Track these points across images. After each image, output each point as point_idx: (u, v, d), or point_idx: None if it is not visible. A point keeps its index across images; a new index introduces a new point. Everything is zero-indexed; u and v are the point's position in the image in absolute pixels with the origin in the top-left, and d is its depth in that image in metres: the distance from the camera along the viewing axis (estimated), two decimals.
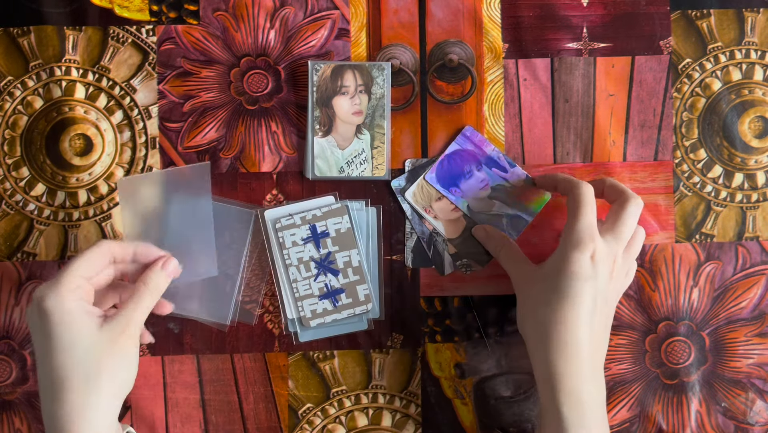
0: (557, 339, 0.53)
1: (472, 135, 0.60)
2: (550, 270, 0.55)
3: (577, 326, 0.53)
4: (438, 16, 0.65)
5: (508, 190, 0.61)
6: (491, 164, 0.61)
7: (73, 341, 0.50)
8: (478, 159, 0.61)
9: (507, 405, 0.64)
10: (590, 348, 0.54)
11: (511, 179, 0.61)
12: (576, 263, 0.53)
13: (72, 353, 0.50)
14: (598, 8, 0.65)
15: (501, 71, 0.65)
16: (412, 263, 0.64)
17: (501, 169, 0.61)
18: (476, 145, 0.60)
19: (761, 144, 0.65)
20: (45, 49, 0.64)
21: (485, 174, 0.61)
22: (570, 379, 0.53)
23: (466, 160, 0.61)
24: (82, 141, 0.64)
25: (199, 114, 0.65)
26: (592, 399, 0.53)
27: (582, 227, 0.54)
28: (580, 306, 0.53)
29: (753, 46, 0.65)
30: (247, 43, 0.65)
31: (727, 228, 0.65)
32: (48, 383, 0.50)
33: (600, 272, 0.54)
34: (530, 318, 0.56)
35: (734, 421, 0.65)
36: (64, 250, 0.64)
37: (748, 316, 0.65)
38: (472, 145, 0.60)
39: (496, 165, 0.61)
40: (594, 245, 0.54)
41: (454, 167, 0.61)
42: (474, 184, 0.62)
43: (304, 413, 0.64)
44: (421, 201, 0.64)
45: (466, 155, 0.61)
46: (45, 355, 0.50)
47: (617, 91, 0.65)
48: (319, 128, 0.64)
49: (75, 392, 0.49)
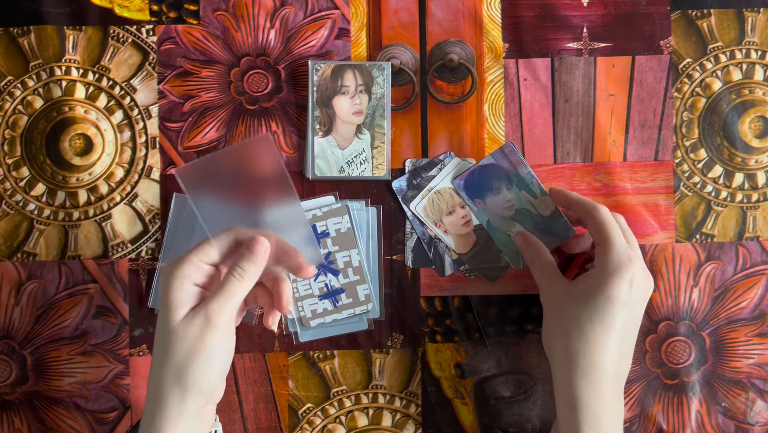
0: (585, 362, 0.53)
1: (510, 153, 0.59)
2: (586, 291, 0.54)
3: (607, 351, 0.53)
4: (438, 16, 0.65)
5: (533, 217, 0.60)
6: (522, 186, 0.60)
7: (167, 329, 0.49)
8: (510, 178, 0.60)
9: (507, 405, 0.64)
10: (616, 371, 0.54)
11: (539, 207, 0.60)
12: (615, 287, 0.53)
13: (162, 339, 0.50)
14: (599, 8, 0.65)
15: (501, 71, 0.65)
16: (412, 263, 0.64)
17: (531, 194, 0.60)
18: (512, 163, 0.59)
19: (761, 144, 0.65)
20: (45, 48, 0.64)
21: (513, 195, 0.60)
22: (593, 401, 0.53)
23: (497, 176, 0.60)
24: (82, 141, 0.64)
25: (199, 114, 0.65)
26: (613, 420, 0.53)
27: (619, 250, 0.54)
28: (614, 330, 0.53)
29: (753, 46, 0.65)
30: (247, 42, 0.65)
31: (728, 228, 0.65)
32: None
33: (635, 297, 0.54)
34: (559, 338, 0.55)
35: (734, 421, 0.65)
36: (64, 250, 0.64)
37: (749, 316, 0.65)
38: (507, 163, 0.59)
39: (527, 189, 0.60)
40: (633, 269, 0.54)
41: (484, 180, 0.60)
42: (499, 202, 0.62)
43: (304, 413, 0.64)
44: (431, 215, 0.64)
45: (499, 171, 0.60)
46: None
47: (617, 91, 0.65)
48: (319, 128, 0.64)
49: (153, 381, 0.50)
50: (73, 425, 0.64)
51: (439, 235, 0.64)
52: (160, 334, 0.50)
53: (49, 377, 0.64)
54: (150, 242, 0.64)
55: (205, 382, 0.49)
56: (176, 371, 0.48)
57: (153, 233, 0.64)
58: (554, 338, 0.56)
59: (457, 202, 0.64)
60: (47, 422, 0.64)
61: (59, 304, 0.64)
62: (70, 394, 0.64)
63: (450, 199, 0.64)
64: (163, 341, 0.49)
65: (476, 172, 0.59)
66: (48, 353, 0.64)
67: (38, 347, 0.64)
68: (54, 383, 0.64)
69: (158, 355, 0.50)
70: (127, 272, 0.64)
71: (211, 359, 0.49)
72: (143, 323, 0.64)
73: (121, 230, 0.64)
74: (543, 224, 0.59)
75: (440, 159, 0.64)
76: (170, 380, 0.49)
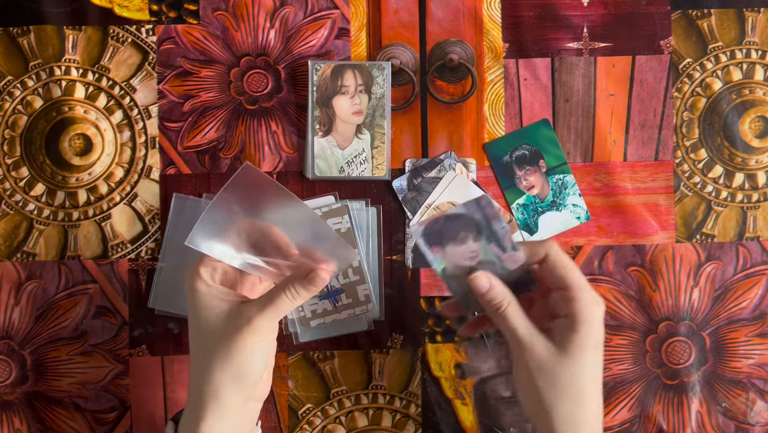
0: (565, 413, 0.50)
1: (486, 206, 0.51)
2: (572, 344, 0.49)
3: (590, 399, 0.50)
4: (438, 16, 0.65)
5: (497, 270, 0.51)
6: (492, 239, 0.51)
7: (198, 325, 0.50)
8: (480, 230, 0.51)
9: (507, 405, 0.64)
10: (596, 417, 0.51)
11: (506, 261, 0.51)
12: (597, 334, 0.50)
13: (196, 335, 0.50)
14: (599, 8, 0.65)
15: (501, 71, 0.65)
16: (412, 263, 0.64)
17: (500, 248, 0.51)
18: (486, 216, 0.51)
19: (762, 144, 0.65)
20: (45, 48, 0.64)
21: (479, 246, 0.51)
22: None
23: (466, 227, 0.51)
24: (81, 141, 0.64)
25: (199, 114, 0.65)
26: None
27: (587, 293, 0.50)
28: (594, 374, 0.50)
29: (753, 46, 0.65)
30: (247, 42, 0.65)
31: (728, 228, 0.65)
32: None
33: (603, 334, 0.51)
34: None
35: (735, 421, 0.65)
36: (64, 250, 0.64)
37: (749, 316, 0.65)
38: (480, 215, 0.51)
39: (497, 242, 0.51)
40: (602, 307, 0.50)
41: (448, 228, 0.51)
42: (461, 252, 0.52)
43: (304, 414, 0.64)
44: None
45: (469, 222, 0.51)
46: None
47: (618, 91, 0.65)
48: (319, 128, 0.64)
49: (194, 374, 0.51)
50: (72, 425, 0.64)
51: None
52: (198, 335, 0.51)
53: (49, 377, 0.64)
54: (150, 242, 0.64)
55: (246, 375, 0.49)
56: (219, 365, 0.49)
57: (153, 233, 0.64)
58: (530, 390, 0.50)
59: None
60: (47, 422, 0.64)
61: (59, 304, 0.64)
62: (69, 394, 0.64)
63: None
64: (203, 341, 0.50)
65: (441, 220, 0.51)
66: (48, 353, 0.64)
67: (38, 347, 0.64)
68: (54, 383, 0.64)
69: (198, 352, 0.50)
70: (126, 272, 0.64)
71: (252, 355, 0.49)
72: (143, 323, 0.64)
73: (121, 230, 0.64)
74: (506, 276, 0.51)
75: (440, 159, 0.64)
76: (212, 373, 0.49)
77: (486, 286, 0.50)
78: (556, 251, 0.51)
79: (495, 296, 0.50)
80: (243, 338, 0.48)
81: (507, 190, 0.65)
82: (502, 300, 0.50)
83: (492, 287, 0.50)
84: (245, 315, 0.49)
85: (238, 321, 0.49)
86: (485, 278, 0.51)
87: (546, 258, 0.51)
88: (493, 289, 0.50)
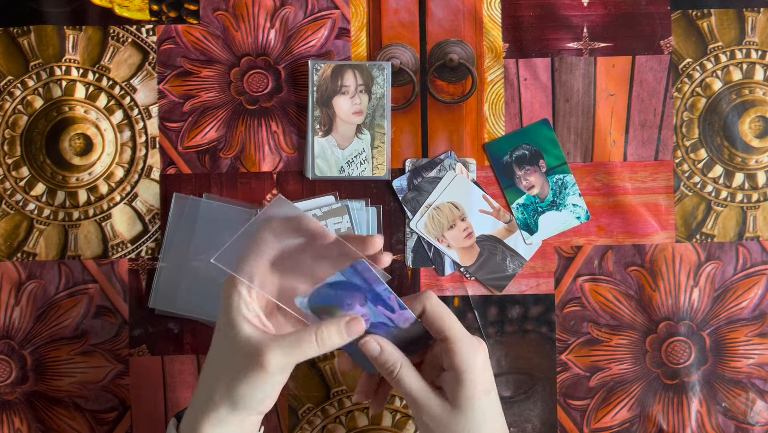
0: None
1: (363, 270, 0.48)
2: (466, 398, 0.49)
3: None
4: (438, 16, 0.65)
5: (390, 330, 0.51)
6: (378, 302, 0.50)
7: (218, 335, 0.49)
8: (363, 294, 0.49)
9: (507, 405, 0.64)
10: None
11: (397, 321, 0.50)
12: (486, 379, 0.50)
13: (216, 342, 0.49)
14: (599, 8, 0.65)
15: (501, 71, 0.65)
16: (412, 263, 0.64)
17: (388, 309, 0.50)
18: (366, 280, 0.49)
19: (762, 144, 0.65)
20: (45, 48, 0.64)
21: (367, 310, 0.50)
22: None
23: (349, 294, 0.49)
24: (82, 141, 0.64)
25: (199, 114, 0.65)
26: None
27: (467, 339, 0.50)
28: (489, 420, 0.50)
29: (753, 46, 0.65)
30: (247, 42, 0.65)
31: (728, 228, 0.65)
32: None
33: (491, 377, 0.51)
34: None
35: (734, 421, 0.65)
36: (64, 250, 0.64)
37: (749, 316, 0.65)
38: (360, 280, 0.49)
39: (384, 304, 0.50)
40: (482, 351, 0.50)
41: (332, 297, 0.49)
42: None
43: (304, 413, 0.64)
44: (433, 231, 0.64)
45: (351, 288, 0.49)
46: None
47: (617, 91, 0.65)
48: (319, 128, 0.64)
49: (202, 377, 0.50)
50: (73, 425, 0.64)
51: (443, 250, 0.64)
52: (219, 342, 0.49)
53: (49, 377, 0.64)
54: (150, 242, 0.64)
55: (251, 399, 0.48)
56: (226, 383, 0.47)
57: (153, 232, 0.64)
58: None
59: (457, 215, 0.64)
60: (47, 422, 0.64)
61: (59, 304, 0.64)
62: (70, 394, 0.64)
63: (450, 214, 0.64)
64: (221, 349, 0.49)
65: (322, 289, 0.49)
66: (48, 353, 0.64)
67: (38, 347, 0.64)
68: (54, 383, 0.64)
69: (213, 360, 0.49)
70: (127, 272, 0.64)
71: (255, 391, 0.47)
72: (143, 323, 0.64)
73: (121, 229, 0.64)
74: (401, 334, 0.51)
75: (440, 159, 0.64)
76: (213, 391, 0.48)
77: (376, 350, 0.50)
78: (432, 302, 0.50)
79: (386, 360, 0.50)
80: (252, 374, 0.46)
81: (507, 190, 0.65)
82: (393, 363, 0.50)
83: (382, 351, 0.50)
84: (263, 351, 0.46)
85: (253, 355, 0.46)
86: (374, 343, 0.50)
87: (424, 311, 0.50)
88: (384, 352, 0.50)
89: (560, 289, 0.65)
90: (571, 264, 0.64)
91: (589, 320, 0.65)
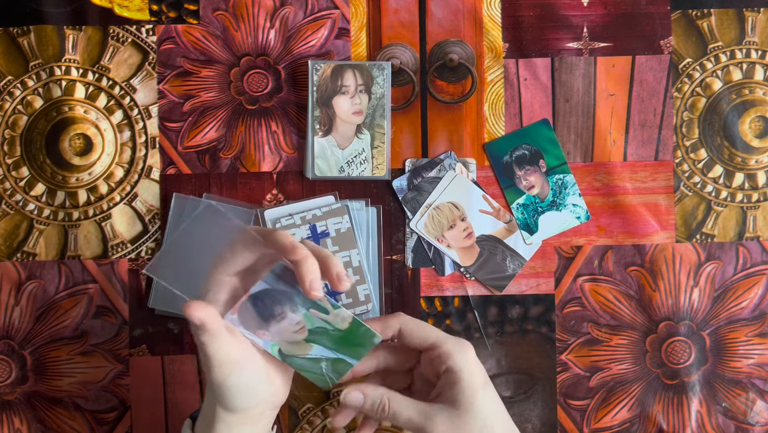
0: None
1: (283, 273, 0.47)
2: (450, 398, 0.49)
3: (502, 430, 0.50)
4: (438, 16, 0.65)
5: (330, 334, 0.48)
6: (308, 305, 0.47)
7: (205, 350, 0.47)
8: (291, 299, 0.47)
9: (507, 405, 0.64)
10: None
11: (334, 322, 0.48)
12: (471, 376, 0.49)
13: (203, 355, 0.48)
14: (599, 8, 0.65)
15: (501, 71, 0.65)
16: (412, 263, 0.64)
17: (321, 311, 0.48)
18: (289, 283, 0.47)
19: (762, 144, 0.65)
20: (45, 48, 0.64)
21: (301, 316, 0.48)
22: None
23: (277, 301, 0.47)
24: (81, 141, 0.64)
25: (199, 114, 0.65)
26: None
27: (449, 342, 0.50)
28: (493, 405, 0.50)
29: (753, 46, 0.65)
30: (247, 42, 0.65)
31: (728, 228, 0.65)
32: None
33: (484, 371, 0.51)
34: None
35: (734, 421, 0.65)
36: (64, 250, 0.64)
37: (749, 316, 0.65)
38: (284, 285, 0.47)
39: (315, 306, 0.48)
40: (470, 348, 0.50)
41: (261, 309, 0.47)
42: (287, 327, 0.49)
43: (304, 413, 0.64)
44: (432, 231, 0.64)
45: (278, 295, 0.47)
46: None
47: (618, 91, 0.65)
48: (319, 128, 0.64)
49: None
50: (73, 425, 0.64)
51: (443, 250, 0.64)
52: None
53: (49, 377, 0.64)
54: (150, 242, 0.64)
55: (230, 404, 0.48)
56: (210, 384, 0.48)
57: (153, 232, 0.64)
58: None
59: (457, 215, 0.64)
60: (47, 422, 0.64)
61: (59, 304, 0.64)
62: (70, 394, 0.64)
63: (450, 214, 0.64)
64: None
65: (248, 303, 0.47)
66: (48, 353, 0.64)
67: (38, 347, 0.64)
68: (54, 383, 0.64)
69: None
70: (126, 272, 0.64)
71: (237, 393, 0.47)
72: (143, 323, 0.64)
73: (121, 229, 0.64)
74: (343, 337, 0.49)
75: (440, 159, 0.64)
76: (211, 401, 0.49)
77: (360, 399, 0.49)
78: (403, 319, 0.51)
79: (373, 403, 0.49)
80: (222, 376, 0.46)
81: (507, 190, 0.65)
82: (380, 404, 0.49)
83: (366, 397, 0.49)
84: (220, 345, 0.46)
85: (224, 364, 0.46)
86: (356, 393, 0.49)
87: (401, 330, 0.51)
88: (368, 398, 0.49)
89: (560, 289, 0.65)
90: (571, 264, 0.64)
91: (589, 320, 0.65)
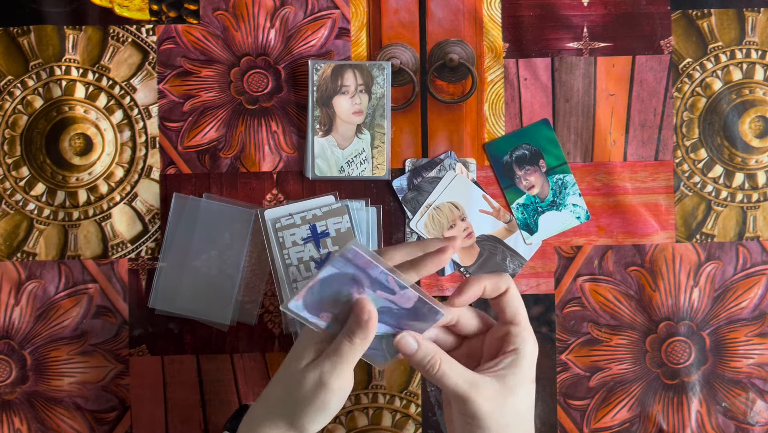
0: None
1: (355, 257, 0.46)
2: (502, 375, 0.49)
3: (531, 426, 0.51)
4: (438, 16, 0.65)
5: (395, 313, 0.49)
6: (376, 287, 0.48)
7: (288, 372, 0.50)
8: (359, 282, 0.48)
9: None
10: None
11: (399, 302, 0.48)
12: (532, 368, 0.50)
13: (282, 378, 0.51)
14: (599, 8, 0.65)
15: (501, 71, 0.65)
16: None
17: (388, 292, 0.48)
18: (359, 267, 0.47)
19: (762, 144, 0.65)
20: (45, 48, 0.64)
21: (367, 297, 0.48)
22: None
23: (344, 284, 0.48)
24: (82, 140, 0.64)
25: (199, 114, 0.65)
26: None
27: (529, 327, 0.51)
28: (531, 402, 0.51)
29: (753, 46, 0.65)
30: (247, 42, 0.65)
31: (728, 228, 0.65)
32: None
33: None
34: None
35: (734, 421, 0.65)
36: (64, 249, 0.64)
37: (749, 316, 0.65)
38: (353, 269, 0.47)
39: (383, 287, 0.48)
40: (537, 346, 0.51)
41: (327, 292, 0.48)
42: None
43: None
44: (433, 231, 0.64)
45: (345, 278, 0.47)
46: None
47: (618, 91, 0.65)
48: (319, 128, 0.64)
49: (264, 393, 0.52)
50: (73, 425, 0.64)
51: None
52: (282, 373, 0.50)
53: (49, 377, 0.64)
54: (150, 242, 0.64)
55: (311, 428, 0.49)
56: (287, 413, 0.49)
57: (153, 232, 0.64)
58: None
59: (457, 215, 0.64)
60: (47, 422, 0.64)
61: (59, 304, 0.64)
62: (70, 394, 0.64)
63: (450, 214, 0.64)
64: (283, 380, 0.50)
65: (315, 286, 0.47)
66: (48, 353, 0.64)
67: (38, 347, 0.64)
68: (54, 383, 0.64)
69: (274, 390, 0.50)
70: (126, 272, 0.64)
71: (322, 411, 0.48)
72: (143, 323, 0.64)
73: (121, 229, 0.64)
74: (408, 315, 0.49)
75: (440, 159, 0.64)
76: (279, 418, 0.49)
77: (413, 347, 0.49)
78: (514, 286, 0.51)
79: (425, 355, 0.49)
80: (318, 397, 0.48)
81: (507, 190, 0.65)
82: (432, 359, 0.48)
83: (420, 346, 0.49)
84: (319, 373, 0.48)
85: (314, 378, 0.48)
86: (411, 339, 0.49)
87: (507, 292, 0.51)
88: (421, 348, 0.49)
89: (560, 289, 0.65)
90: (571, 264, 0.64)
91: (589, 320, 0.65)
